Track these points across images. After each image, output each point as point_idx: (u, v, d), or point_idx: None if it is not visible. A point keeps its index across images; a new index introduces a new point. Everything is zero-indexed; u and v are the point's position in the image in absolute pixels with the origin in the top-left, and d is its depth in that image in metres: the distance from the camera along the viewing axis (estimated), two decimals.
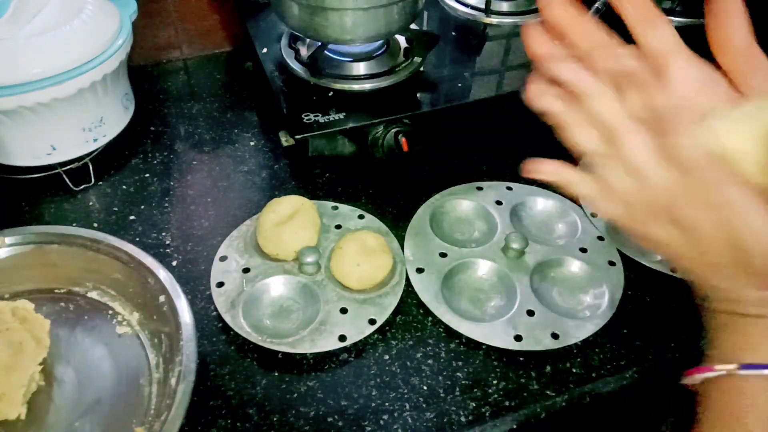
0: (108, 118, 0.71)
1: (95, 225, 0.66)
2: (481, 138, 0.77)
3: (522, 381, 0.54)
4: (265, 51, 0.77)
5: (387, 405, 0.52)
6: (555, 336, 0.56)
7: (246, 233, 0.64)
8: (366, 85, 0.72)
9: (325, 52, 0.73)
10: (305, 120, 0.67)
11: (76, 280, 0.59)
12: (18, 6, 0.63)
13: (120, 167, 0.74)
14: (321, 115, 0.68)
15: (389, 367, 0.55)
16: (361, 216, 0.67)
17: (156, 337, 0.55)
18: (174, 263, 0.63)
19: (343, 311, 0.57)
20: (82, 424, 0.50)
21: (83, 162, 0.71)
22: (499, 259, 0.63)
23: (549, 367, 0.55)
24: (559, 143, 0.39)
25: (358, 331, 0.56)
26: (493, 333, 0.56)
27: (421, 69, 0.75)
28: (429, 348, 0.57)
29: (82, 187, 0.71)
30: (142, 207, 0.69)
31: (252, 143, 0.77)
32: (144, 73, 0.87)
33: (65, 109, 0.65)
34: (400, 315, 0.59)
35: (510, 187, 0.70)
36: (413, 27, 0.76)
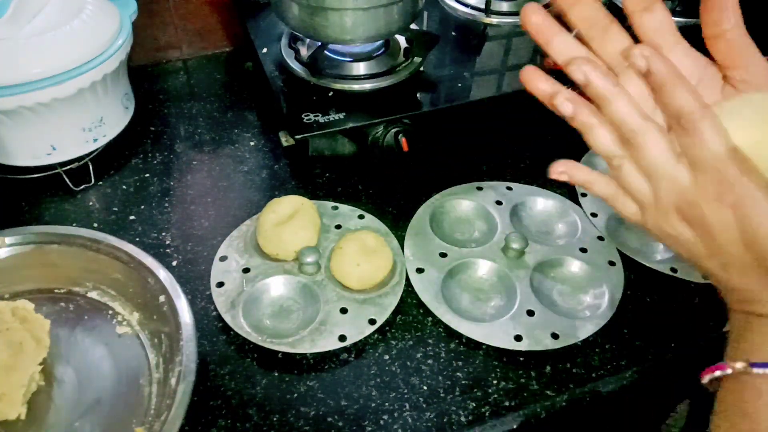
0: (108, 118, 0.71)
1: (95, 225, 0.66)
2: (481, 138, 0.77)
3: (522, 381, 0.54)
4: (265, 51, 0.77)
5: (387, 405, 0.52)
6: (555, 336, 0.56)
7: (246, 233, 0.64)
8: (366, 85, 0.72)
9: (325, 52, 0.73)
10: (305, 120, 0.67)
11: (76, 280, 0.59)
12: (18, 6, 0.63)
13: (120, 167, 0.74)
14: (321, 115, 0.68)
15: (389, 367, 0.55)
16: (361, 216, 0.67)
17: (156, 337, 0.55)
18: (174, 263, 0.63)
19: (343, 311, 0.57)
20: (82, 424, 0.50)
21: (83, 162, 0.71)
22: (499, 259, 0.63)
23: (549, 367, 0.55)
24: (558, 143, 0.39)
25: (358, 331, 0.56)
26: (493, 333, 0.56)
27: (421, 69, 0.75)
28: (429, 348, 0.57)
29: (82, 187, 0.71)
30: (142, 207, 0.69)
31: (252, 143, 0.77)
32: (144, 73, 0.87)
33: (65, 109, 0.65)
34: (400, 315, 0.59)
35: (510, 187, 0.70)
36: (413, 27, 0.76)
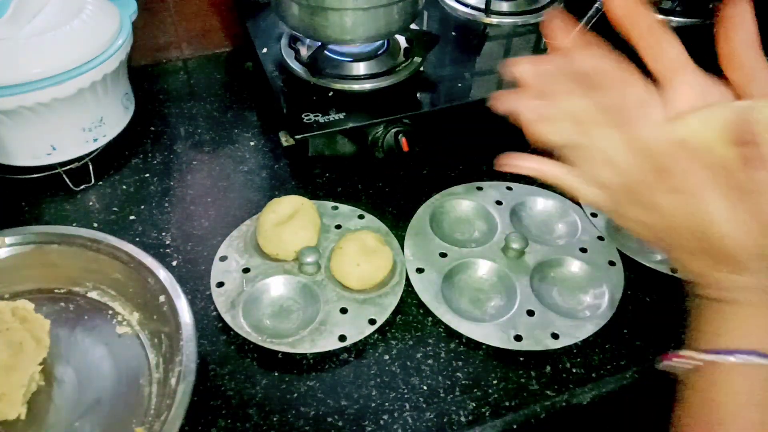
0: (108, 118, 0.71)
1: (95, 225, 0.66)
2: (481, 138, 0.77)
3: (522, 381, 0.54)
4: (265, 51, 0.77)
5: (387, 405, 0.52)
6: (555, 336, 0.56)
7: (246, 233, 0.64)
8: (366, 85, 0.72)
9: (325, 52, 0.73)
10: (305, 120, 0.67)
11: (76, 280, 0.59)
12: (18, 6, 0.63)
13: (120, 167, 0.74)
14: (321, 115, 0.68)
15: (389, 367, 0.55)
16: (361, 216, 0.67)
17: (156, 337, 0.55)
18: (174, 263, 0.63)
19: (343, 311, 0.57)
20: (82, 424, 0.50)
21: (83, 162, 0.71)
22: (499, 259, 0.63)
23: (549, 367, 0.55)
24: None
25: (358, 331, 0.56)
26: (493, 333, 0.56)
27: (421, 69, 0.75)
28: (429, 348, 0.57)
29: (82, 187, 0.71)
30: (142, 207, 0.69)
31: (252, 143, 0.77)
32: (144, 73, 0.87)
33: (65, 109, 0.65)
34: (400, 315, 0.59)
35: (510, 187, 0.70)
36: (413, 27, 0.76)
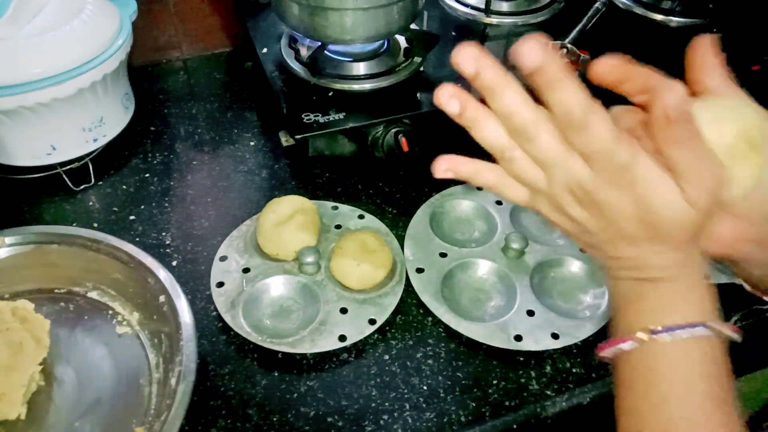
0: (108, 118, 0.71)
1: (95, 225, 0.66)
2: None
3: (522, 381, 0.54)
4: (265, 51, 0.77)
5: (387, 405, 0.52)
6: (555, 336, 0.56)
7: (246, 233, 0.64)
8: (366, 85, 0.72)
9: (325, 52, 0.73)
10: (305, 120, 0.67)
11: (76, 280, 0.59)
12: (18, 6, 0.63)
13: (120, 167, 0.74)
14: (321, 115, 0.68)
15: (389, 367, 0.55)
16: (361, 216, 0.67)
17: (156, 337, 0.55)
18: (174, 263, 0.63)
19: (343, 311, 0.57)
20: (82, 424, 0.50)
21: (83, 162, 0.71)
22: (499, 259, 0.63)
23: (549, 367, 0.55)
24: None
25: (358, 331, 0.56)
26: (493, 333, 0.56)
27: (421, 69, 0.75)
28: (429, 348, 0.57)
29: (82, 187, 0.71)
30: (142, 207, 0.69)
31: (252, 143, 0.77)
32: (144, 73, 0.87)
33: (65, 109, 0.65)
34: (400, 315, 0.59)
35: None
36: (413, 27, 0.76)
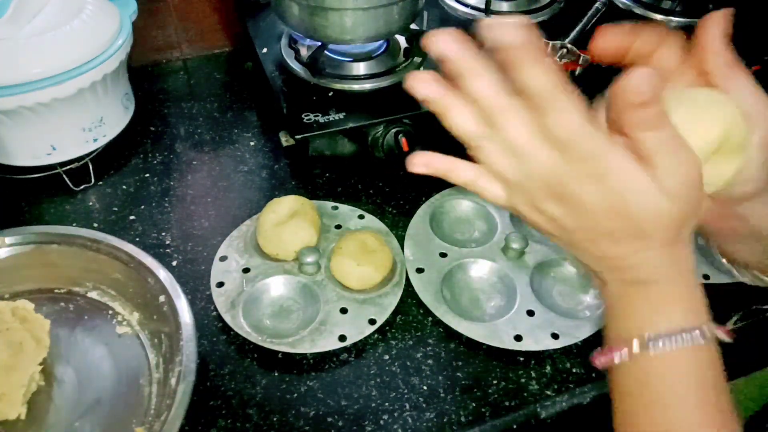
0: (108, 118, 0.71)
1: (95, 225, 0.66)
2: None
3: (522, 381, 0.54)
4: (265, 51, 0.77)
5: (387, 405, 0.52)
6: (555, 336, 0.56)
7: (246, 233, 0.64)
8: (366, 85, 0.72)
9: (325, 52, 0.73)
10: (305, 120, 0.67)
11: (76, 280, 0.59)
12: (18, 6, 0.63)
13: (120, 167, 0.74)
14: (321, 115, 0.68)
15: (389, 367, 0.55)
16: (361, 216, 0.67)
17: (156, 337, 0.55)
18: (174, 263, 0.63)
19: (343, 311, 0.57)
20: (82, 424, 0.50)
21: (83, 162, 0.71)
22: (499, 259, 0.63)
23: (549, 367, 0.55)
24: None
25: (358, 331, 0.56)
26: (493, 333, 0.56)
27: (421, 69, 0.75)
28: (429, 348, 0.57)
29: (82, 187, 0.71)
30: (142, 207, 0.69)
31: (252, 143, 0.77)
32: (144, 73, 0.87)
33: (65, 109, 0.65)
34: (400, 315, 0.59)
35: None
36: (413, 27, 0.76)
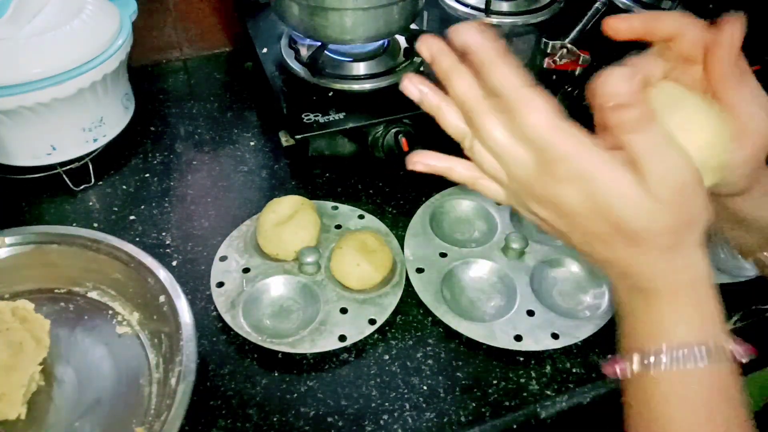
0: (108, 118, 0.71)
1: (95, 225, 0.66)
2: None
3: (522, 381, 0.54)
4: (265, 51, 0.77)
5: (387, 405, 0.52)
6: (555, 336, 0.56)
7: (246, 233, 0.64)
8: (366, 85, 0.72)
9: (325, 52, 0.73)
10: (305, 120, 0.67)
11: (76, 280, 0.59)
12: (18, 6, 0.63)
13: (120, 167, 0.74)
14: (321, 115, 0.68)
15: (389, 367, 0.55)
16: (361, 216, 0.67)
17: (156, 337, 0.55)
18: (174, 263, 0.63)
19: (343, 311, 0.57)
20: (82, 424, 0.50)
21: (83, 162, 0.71)
22: (499, 259, 0.62)
23: (549, 367, 0.55)
24: None
25: (358, 331, 0.56)
26: (493, 333, 0.56)
27: (421, 69, 0.75)
28: (429, 348, 0.57)
29: (82, 187, 0.71)
30: (142, 207, 0.69)
31: (252, 143, 0.77)
32: (144, 73, 0.87)
33: (65, 109, 0.65)
34: (400, 315, 0.59)
35: None
36: (413, 27, 0.76)
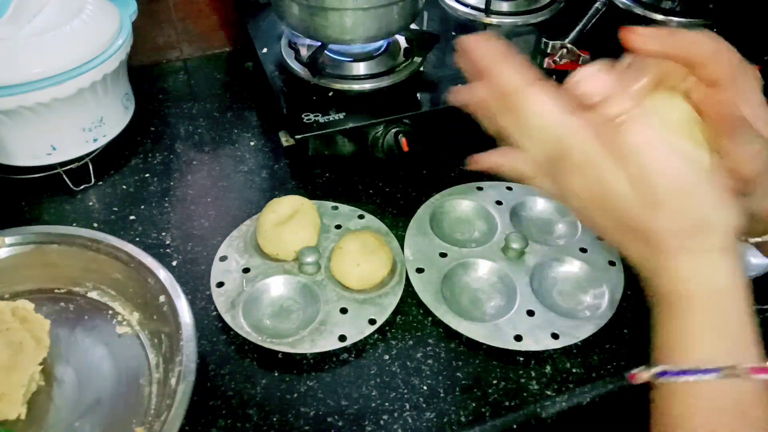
0: (108, 118, 0.71)
1: (95, 225, 0.66)
2: (481, 138, 0.77)
3: (522, 381, 0.54)
4: (265, 51, 0.77)
5: (387, 405, 0.52)
6: (555, 336, 0.56)
7: (246, 233, 0.64)
8: (366, 85, 0.72)
9: (325, 52, 0.73)
10: (305, 120, 0.67)
11: (76, 280, 0.59)
12: (18, 6, 0.63)
13: (120, 167, 0.74)
14: (321, 115, 0.68)
15: (389, 367, 0.55)
16: (361, 216, 0.67)
17: (156, 337, 0.55)
18: (174, 263, 0.63)
19: (343, 311, 0.57)
20: (82, 424, 0.50)
21: (83, 162, 0.71)
22: (499, 259, 0.62)
23: (549, 367, 0.55)
24: None
25: (358, 331, 0.56)
26: (493, 333, 0.56)
27: (421, 69, 0.75)
28: (429, 348, 0.57)
29: (82, 187, 0.71)
30: (142, 207, 0.69)
31: (252, 143, 0.77)
32: (144, 73, 0.87)
33: (65, 109, 0.65)
34: (400, 315, 0.59)
35: (510, 187, 0.70)
36: (413, 27, 0.76)
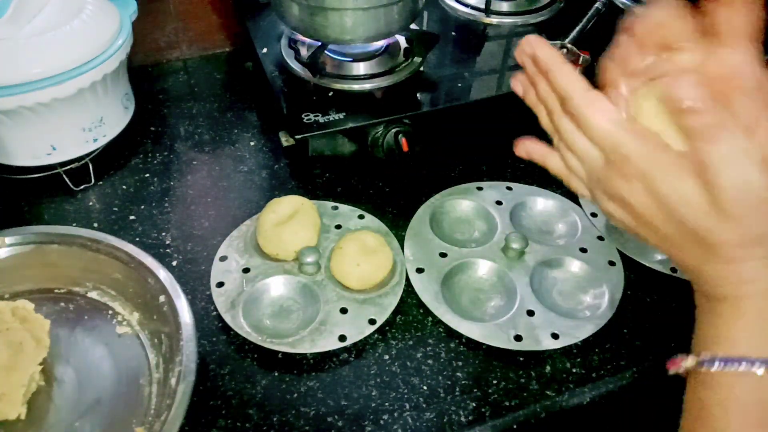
0: (108, 118, 0.71)
1: (95, 225, 0.66)
2: (481, 138, 0.77)
3: (522, 381, 0.54)
4: (265, 51, 0.77)
5: (387, 405, 0.52)
6: (555, 336, 0.56)
7: (246, 233, 0.64)
8: (366, 85, 0.72)
9: (325, 52, 0.73)
10: (305, 120, 0.67)
11: (76, 280, 0.59)
12: (18, 6, 0.63)
13: (120, 167, 0.74)
14: (321, 115, 0.68)
15: (389, 367, 0.55)
16: (361, 216, 0.67)
17: (156, 337, 0.55)
18: (174, 263, 0.63)
19: (343, 311, 0.57)
20: (82, 424, 0.50)
21: (83, 162, 0.71)
22: (499, 259, 0.62)
23: (549, 367, 0.55)
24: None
25: (358, 331, 0.56)
26: (493, 333, 0.56)
27: (421, 69, 0.75)
28: (429, 348, 0.57)
29: (82, 187, 0.71)
30: (142, 207, 0.69)
31: (252, 143, 0.77)
32: (144, 73, 0.87)
33: (65, 109, 0.65)
34: (400, 315, 0.59)
35: (510, 187, 0.70)
36: (413, 27, 0.76)
